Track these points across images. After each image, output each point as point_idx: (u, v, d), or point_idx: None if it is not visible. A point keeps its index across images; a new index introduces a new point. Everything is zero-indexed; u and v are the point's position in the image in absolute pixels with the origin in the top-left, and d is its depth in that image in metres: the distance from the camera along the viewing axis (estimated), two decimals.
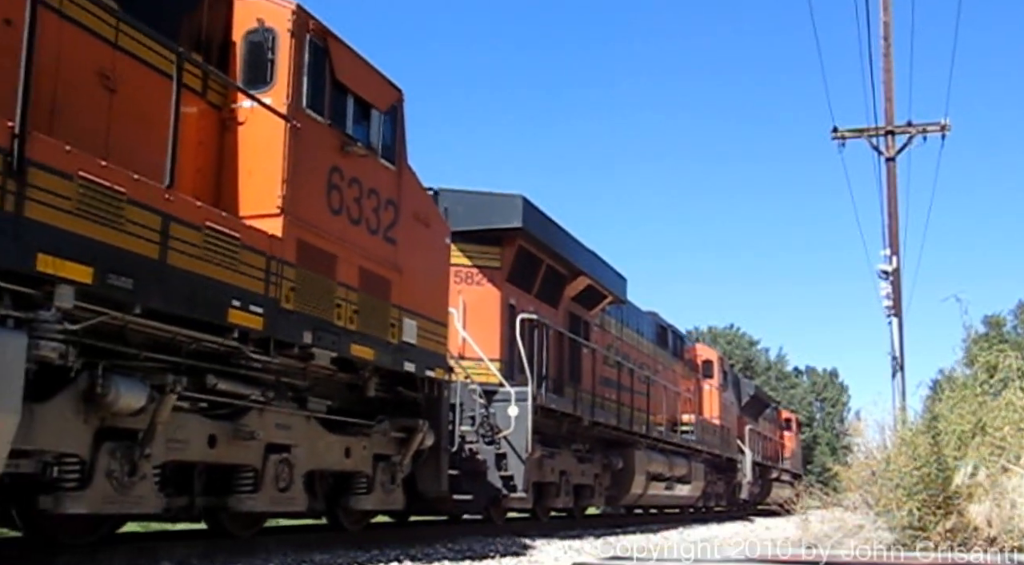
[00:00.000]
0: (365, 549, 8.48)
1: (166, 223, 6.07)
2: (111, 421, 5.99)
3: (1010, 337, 43.54)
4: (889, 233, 19.19)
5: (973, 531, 8.17)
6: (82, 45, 6.06)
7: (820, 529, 10.40)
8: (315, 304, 7.62)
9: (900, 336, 18.47)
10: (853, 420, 43.60)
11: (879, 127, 19.60)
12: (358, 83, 8.39)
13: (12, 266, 5.05)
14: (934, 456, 8.79)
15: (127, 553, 6.79)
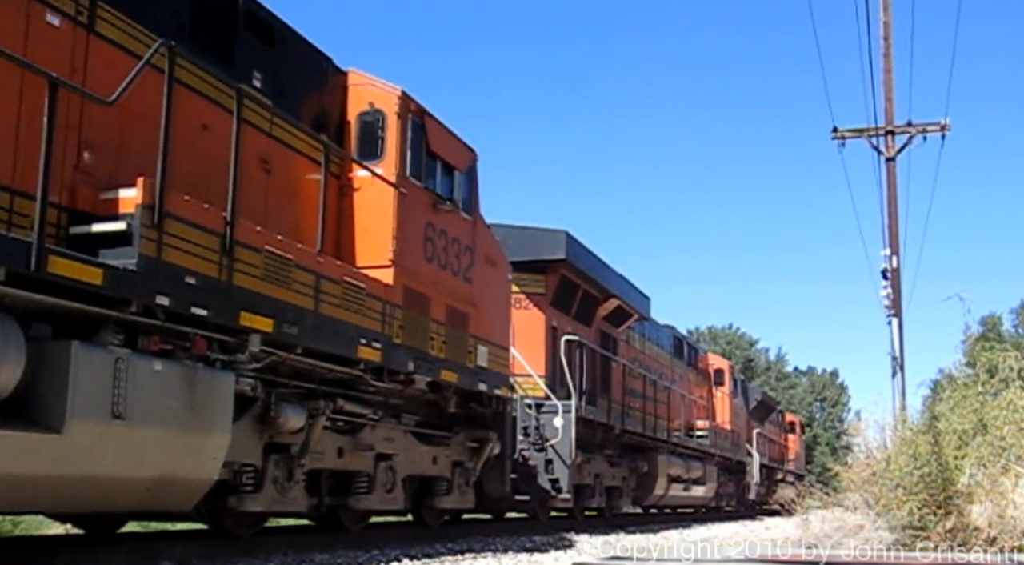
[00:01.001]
0: (365, 549, 8.52)
1: (318, 281, 7.67)
2: (276, 438, 7.58)
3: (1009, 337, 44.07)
4: (889, 233, 19.23)
5: (973, 531, 8.19)
6: (251, 138, 7.62)
7: (820, 529, 10.51)
8: (416, 338, 9.21)
9: (900, 336, 18.52)
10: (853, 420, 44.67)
11: (879, 127, 19.62)
12: (445, 150, 9.99)
13: (224, 322, 6.63)
14: (934, 456, 8.80)
15: (127, 553, 6.81)
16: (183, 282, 6.18)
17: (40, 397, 5.29)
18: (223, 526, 7.91)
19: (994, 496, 8.31)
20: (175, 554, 6.97)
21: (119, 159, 6.38)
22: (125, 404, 5.70)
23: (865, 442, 11.87)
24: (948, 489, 8.49)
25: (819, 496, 12.35)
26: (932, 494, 8.50)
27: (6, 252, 5.04)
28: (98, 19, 6.31)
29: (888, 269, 18.96)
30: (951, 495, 8.45)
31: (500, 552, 9.10)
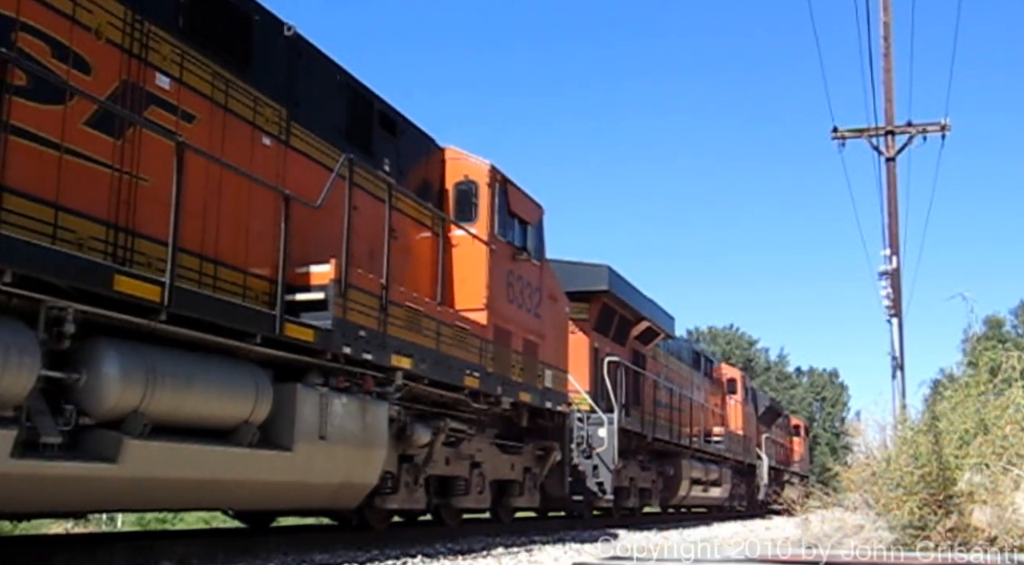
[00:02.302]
0: (365, 549, 8.57)
1: (439, 326, 9.70)
2: (408, 450, 9.60)
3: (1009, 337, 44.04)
4: (889, 233, 19.19)
5: (973, 531, 8.15)
6: (380, 211, 9.62)
7: (820, 529, 10.53)
8: (502, 367, 11.23)
9: (900, 336, 18.54)
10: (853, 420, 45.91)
11: (879, 127, 19.58)
12: (521, 209, 12.02)
13: (380, 362, 8.64)
14: (935, 456, 8.77)
15: (127, 552, 6.83)
16: (358, 335, 8.20)
17: (278, 425, 7.31)
18: (365, 521, 9.92)
19: (995, 496, 8.19)
20: (175, 554, 6.94)
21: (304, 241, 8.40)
22: (326, 428, 7.74)
23: (865, 442, 11.83)
24: (948, 489, 8.46)
25: (819, 496, 12.18)
26: (932, 494, 8.49)
27: (264, 323, 7.07)
28: (292, 136, 8.34)
29: (888, 269, 18.96)
30: (951, 495, 8.42)
31: (502, 554, 8.95)
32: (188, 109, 7.10)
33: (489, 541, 10.30)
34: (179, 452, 6.27)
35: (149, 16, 6.75)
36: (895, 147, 19.61)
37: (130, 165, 6.51)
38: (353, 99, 9.37)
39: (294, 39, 8.40)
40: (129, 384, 5.83)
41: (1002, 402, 9.18)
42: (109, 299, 5.78)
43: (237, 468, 6.88)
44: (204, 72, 7.29)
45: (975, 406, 9.42)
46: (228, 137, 7.50)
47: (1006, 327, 54.63)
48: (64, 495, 5.74)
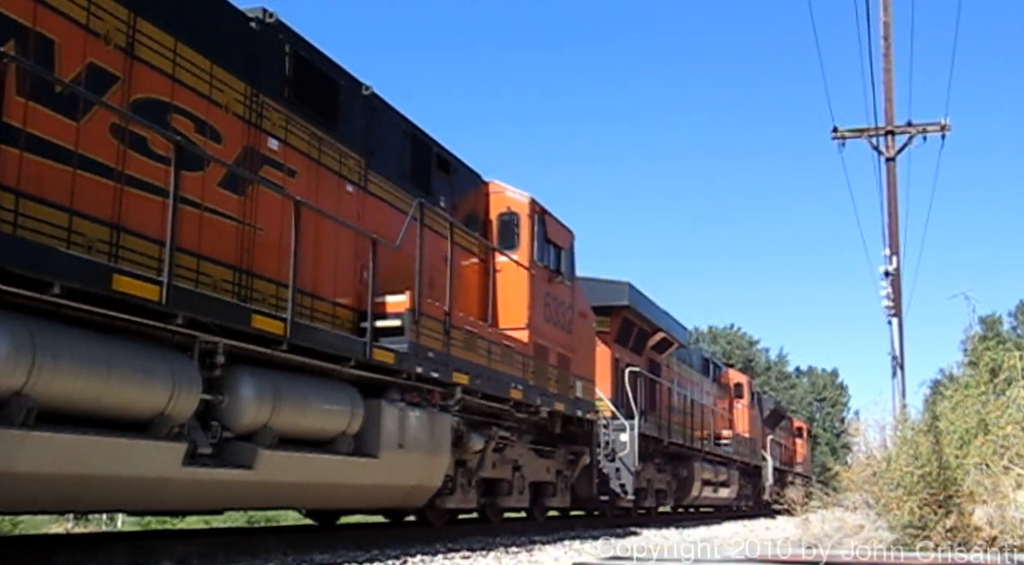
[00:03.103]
0: (365, 549, 8.59)
1: (490, 345, 10.90)
2: (464, 456, 10.80)
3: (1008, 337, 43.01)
4: (889, 233, 19.17)
5: (973, 531, 8.14)
6: (441, 244, 10.81)
7: (820, 529, 10.55)
8: (540, 380, 12.43)
9: (900, 336, 18.54)
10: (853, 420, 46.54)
11: (879, 127, 19.52)
12: (556, 236, 13.24)
13: (444, 379, 9.83)
14: (935, 455, 8.75)
15: (127, 552, 6.85)
16: (427, 356, 9.41)
17: (367, 435, 8.51)
18: (426, 518, 11.13)
19: (995, 496, 8.17)
20: (175, 553, 6.96)
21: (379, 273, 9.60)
22: (404, 438, 8.95)
23: (865, 442, 11.81)
24: (949, 489, 8.45)
25: (819, 496, 12.23)
26: (932, 494, 8.50)
27: (356, 349, 8.27)
28: (369, 182, 9.55)
29: (888, 269, 18.93)
30: (952, 495, 8.41)
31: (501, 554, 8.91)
32: (292, 166, 8.31)
33: (489, 541, 10.36)
34: (298, 460, 7.49)
35: (263, 90, 7.96)
36: (895, 147, 19.59)
37: (250, 217, 7.72)
38: (415, 145, 10.58)
39: (370, 97, 9.61)
40: (261, 404, 7.04)
41: (1002, 402, 9.09)
42: (246, 333, 6.99)
43: (338, 473, 8.10)
44: (303, 133, 8.51)
45: (975, 406, 9.35)
46: (321, 187, 8.71)
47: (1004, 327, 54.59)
48: (214, 496, 6.96)
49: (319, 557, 7.62)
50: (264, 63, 8.02)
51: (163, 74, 6.89)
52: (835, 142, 20.17)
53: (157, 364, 6.13)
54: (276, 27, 8.14)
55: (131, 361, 5.90)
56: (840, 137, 20.10)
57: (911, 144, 19.58)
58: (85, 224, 6.09)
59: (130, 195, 6.50)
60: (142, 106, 6.65)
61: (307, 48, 8.60)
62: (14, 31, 5.69)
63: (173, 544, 7.25)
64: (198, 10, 7.31)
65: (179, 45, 7.03)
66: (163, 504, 7.10)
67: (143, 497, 6.40)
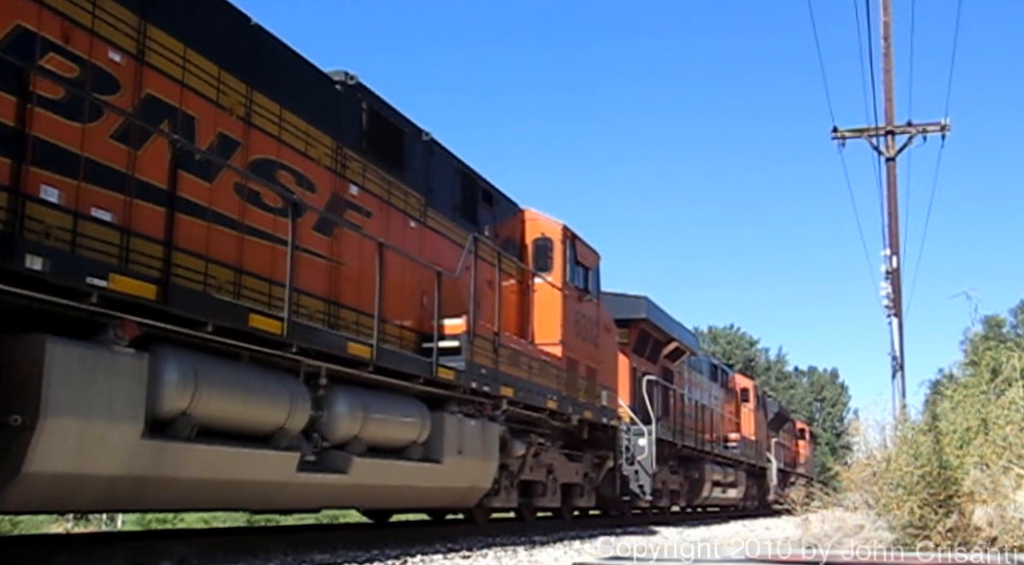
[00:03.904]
0: (365, 549, 8.63)
1: (530, 361, 12.09)
2: (507, 460, 11.98)
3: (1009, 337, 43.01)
4: (889, 233, 19.17)
5: (974, 531, 8.11)
6: (488, 271, 11.98)
7: (820, 529, 10.58)
8: (571, 390, 13.62)
9: (900, 336, 18.62)
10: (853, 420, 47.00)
11: (879, 127, 19.52)
12: (584, 258, 14.43)
13: (493, 392, 11.01)
14: (935, 455, 8.74)
15: (127, 552, 6.88)
16: (480, 372, 10.59)
17: (432, 443, 9.69)
18: (472, 516, 12.30)
19: (995, 496, 8.15)
20: (175, 553, 7.00)
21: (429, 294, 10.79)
22: (462, 445, 10.13)
23: (865, 442, 11.81)
24: (949, 489, 8.45)
25: (819, 496, 12.19)
26: (932, 494, 8.51)
27: (424, 368, 9.46)
28: (428, 217, 10.74)
29: (888, 269, 19.00)
30: (952, 495, 8.41)
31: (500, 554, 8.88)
32: (368, 208, 9.50)
33: (489, 541, 10.45)
34: (381, 465, 8.68)
35: (345, 143, 9.16)
36: (895, 147, 19.59)
37: (335, 254, 8.90)
38: (465, 181, 11.78)
39: (428, 141, 10.81)
40: (353, 418, 8.23)
41: (1003, 402, 9.08)
42: (341, 358, 8.18)
43: (411, 476, 9.30)
44: (377, 178, 9.70)
45: (975, 406, 9.35)
46: (390, 224, 9.90)
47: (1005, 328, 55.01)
48: (318, 497, 8.16)
49: (319, 557, 7.69)
50: (346, 119, 9.22)
51: (272, 137, 8.08)
52: (835, 142, 20.24)
53: (278, 386, 7.32)
54: (355, 87, 9.33)
55: (261, 385, 7.10)
56: (840, 137, 20.15)
57: (911, 144, 19.61)
58: (217, 269, 7.27)
59: (248, 242, 7.68)
60: (257, 166, 7.85)
61: (379, 103, 9.79)
62: (167, 112, 6.89)
63: (173, 544, 7.25)
64: (298, 80, 8.51)
65: (284, 111, 8.22)
66: (281, 504, 8.31)
67: (268, 498, 7.60)
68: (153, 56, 6.80)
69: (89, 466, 5.58)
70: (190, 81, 7.14)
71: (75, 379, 5.37)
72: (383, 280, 8.76)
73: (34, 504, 6.00)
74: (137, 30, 6.67)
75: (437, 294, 9.81)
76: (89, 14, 6.27)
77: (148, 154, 6.64)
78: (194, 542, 7.63)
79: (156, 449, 6.06)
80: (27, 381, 5.18)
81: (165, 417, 6.19)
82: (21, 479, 5.17)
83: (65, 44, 6.06)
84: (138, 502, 7.07)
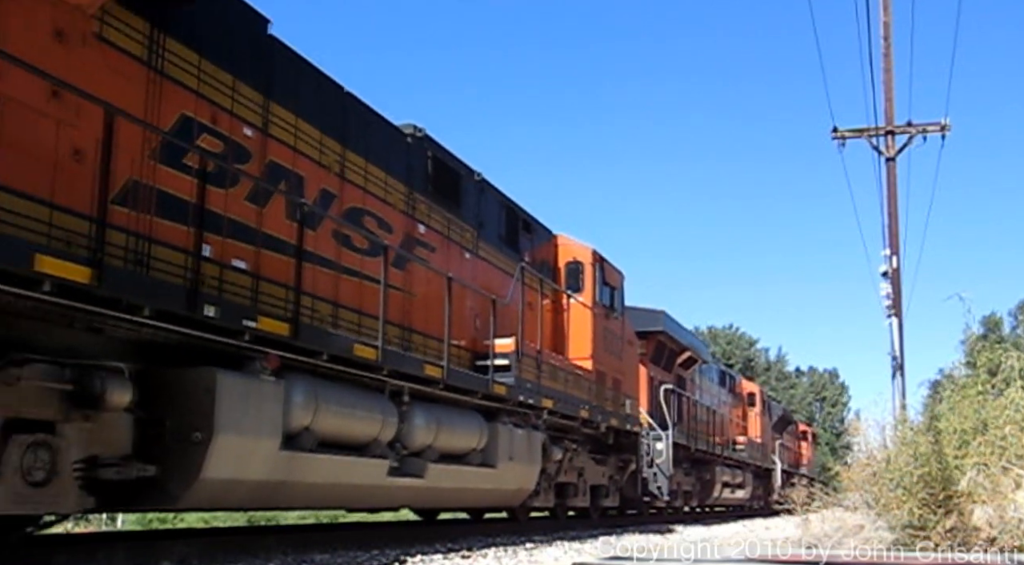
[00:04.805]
0: (365, 549, 8.64)
1: (566, 375, 13.41)
2: (545, 465, 13.28)
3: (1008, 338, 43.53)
4: (889, 233, 19.22)
5: (973, 531, 8.13)
6: (530, 294, 13.29)
7: (820, 529, 10.62)
8: (600, 400, 14.93)
9: (900, 336, 18.67)
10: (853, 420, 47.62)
11: (879, 127, 19.56)
12: (611, 278, 15.75)
13: (537, 404, 12.31)
14: (935, 456, 8.72)
15: (127, 552, 6.88)
16: (527, 387, 11.90)
17: (488, 450, 11.00)
18: (514, 515, 13.62)
19: (995, 496, 8.16)
20: (175, 553, 7.02)
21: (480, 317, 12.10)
22: (513, 452, 11.44)
23: (865, 442, 11.84)
24: (948, 489, 8.46)
25: (819, 496, 12.23)
26: (932, 494, 8.54)
27: (482, 384, 10.76)
28: (479, 248, 12.06)
29: (888, 269, 19.02)
30: (951, 495, 8.43)
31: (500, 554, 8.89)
32: (432, 243, 10.82)
33: (489, 541, 10.51)
34: (450, 470, 10.00)
35: (415, 187, 10.47)
36: (895, 147, 19.63)
37: (408, 286, 10.21)
38: (508, 214, 13.11)
39: (479, 181, 12.13)
40: (428, 430, 9.55)
41: (1001, 402, 9.06)
42: (419, 378, 9.49)
43: (472, 479, 10.61)
44: (439, 216, 11.02)
45: (974, 406, 9.35)
46: (450, 256, 11.22)
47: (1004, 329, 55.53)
48: (401, 497, 9.48)
49: (319, 557, 7.76)
50: (415, 167, 10.54)
51: (359, 187, 9.41)
52: (835, 142, 20.28)
53: (372, 404, 8.64)
54: (422, 139, 10.66)
55: (361, 403, 8.42)
56: (840, 137, 20.19)
57: (911, 144, 19.64)
58: (321, 305, 8.59)
59: (342, 279, 9.00)
60: (348, 213, 9.17)
61: (441, 151, 11.12)
62: (284, 174, 8.21)
63: (173, 544, 7.28)
64: (379, 136, 9.83)
65: (368, 165, 9.55)
66: (372, 504, 9.67)
67: (363, 498, 8.93)
68: (274, 128, 8.13)
69: (244, 472, 6.89)
70: (300, 146, 8.47)
71: (236, 403, 6.69)
72: (451, 309, 10.05)
73: (204, 503, 7.33)
74: (263, 107, 7.99)
75: (492, 319, 11.13)
76: (230, 98, 7.59)
77: (271, 210, 7.96)
78: (194, 542, 7.67)
79: (288, 459, 7.37)
80: (203, 405, 6.49)
81: (294, 432, 7.50)
82: (199, 483, 6.48)
83: (213, 125, 7.39)
84: (273, 502, 8.40)
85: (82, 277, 5.49)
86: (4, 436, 5.41)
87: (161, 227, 6.72)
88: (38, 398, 5.59)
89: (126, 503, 6.84)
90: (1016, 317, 60.55)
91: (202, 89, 7.27)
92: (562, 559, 8.41)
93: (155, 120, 6.75)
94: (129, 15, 6.59)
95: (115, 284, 5.73)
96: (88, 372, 5.83)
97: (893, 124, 19.64)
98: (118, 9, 6.49)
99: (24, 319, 5.63)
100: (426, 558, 8.11)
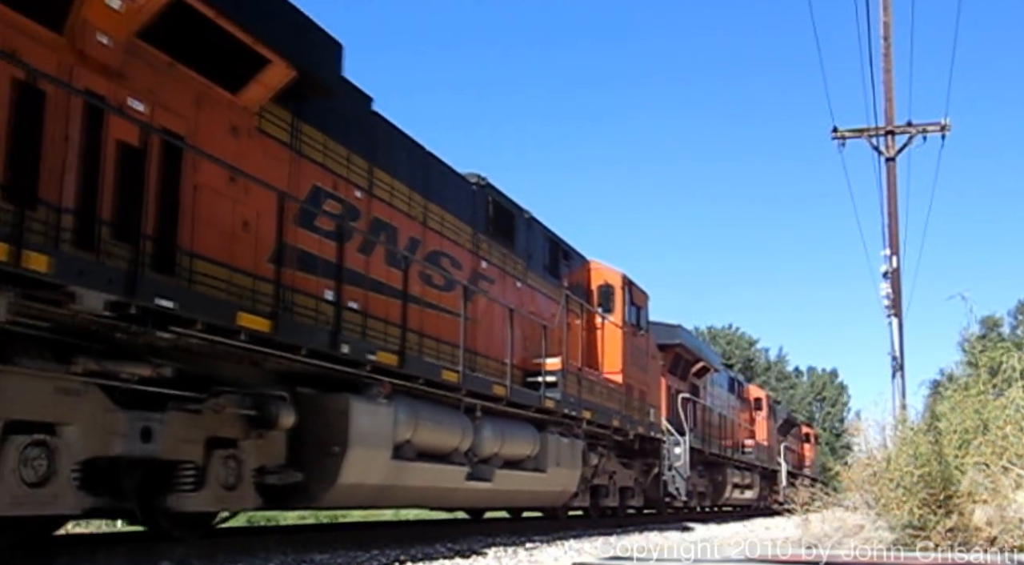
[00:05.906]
0: (365, 549, 8.68)
1: (601, 388, 14.99)
2: (584, 470, 14.85)
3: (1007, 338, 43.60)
4: (889, 233, 19.32)
5: (973, 531, 8.14)
6: (573, 317, 14.82)
7: (820, 529, 10.65)
8: (629, 410, 16.51)
9: (900, 336, 18.82)
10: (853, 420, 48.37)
11: (879, 127, 19.62)
12: (638, 299, 17.34)
13: (577, 415, 13.88)
14: (935, 455, 8.76)
15: (127, 553, 6.91)
16: (570, 400, 13.48)
17: (540, 457, 12.56)
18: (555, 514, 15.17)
19: (995, 496, 8.18)
20: (175, 554, 7.07)
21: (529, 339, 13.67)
22: (559, 458, 13.02)
23: (865, 442, 11.87)
24: (948, 489, 8.49)
25: (819, 496, 12.07)
26: (932, 494, 8.58)
27: (534, 400, 12.32)
28: (528, 278, 13.63)
29: (888, 269, 19.10)
30: (951, 495, 8.46)
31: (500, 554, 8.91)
32: (492, 276, 12.40)
33: (489, 541, 10.58)
34: (512, 475, 11.57)
35: (478, 229, 12.05)
36: (895, 147, 19.67)
37: (473, 314, 11.78)
38: (551, 245, 14.69)
39: (528, 218, 13.71)
40: (495, 440, 11.13)
41: (1002, 402, 9.07)
42: (488, 396, 11.06)
43: (527, 483, 12.19)
44: (497, 253, 12.60)
45: (975, 406, 9.34)
46: (506, 287, 12.79)
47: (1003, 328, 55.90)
48: (474, 499, 11.07)
49: (319, 557, 7.85)
50: (479, 211, 12.12)
51: (437, 232, 10.99)
52: (835, 142, 20.31)
53: (453, 419, 10.22)
54: (485, 187, 12.24)
55: (447, 419, 10.01)
56: (840, 137, 20.21)
57: (911, 144, 19.67)
58: (412, 336, 10.16)
59: (425, 313, 10.58)
60: (429, 256, 10.74)
61: (499, 195, 12.70)
62: (383, 227, 9.79)
63: (173, 544, 7.30)
64: (452, 187, 11.41)
65: (444, 212, 11.12)
66: (452, 504, 11.27)
67: (446, 500, 10.51)
68: (377, 189, 9.71)
69: (367, 478, 8.47)
70: (395, 202, 10.05)
71: (363, 422, 8.27)
72: (513, 335, 11.63)
73: (338, 503, 8.92)
74: (368, 172, 9.57)
75: (544, 342, 12.71)
76: (346, 167, 9.17)
77: (374, 258, 9.53)
78: (194, 542, 7.63)
79: (396, 467, 8.96)
80: (339, 424, 8.06)
81: (399, 444, 9.08)
82: (336, 487, 8.06)
83: (334, 191, 8.96)
84: (384, 502, 9.99)
85: (265, 327, 7.06)
86: (208, 451, 6.99)
87: (299, 278, 8.29)
88: (231, 422, 7.17)
89: (280, 503, 8.38)
90: (1016, 317, 61.52)
91: (327, 162, 8.85)
92: (562, 559, 8.59)
93: (295, 191, 8.32)
94: (279, 109, 8.16)
95: (287, 331, 7.30)
96: (264, 400, 7.40)
97: (893, 124, 19.75)
98: (271, 105, 8.05)
99: (216, 360, 7.21)
100: (426, 558, 8.30)
